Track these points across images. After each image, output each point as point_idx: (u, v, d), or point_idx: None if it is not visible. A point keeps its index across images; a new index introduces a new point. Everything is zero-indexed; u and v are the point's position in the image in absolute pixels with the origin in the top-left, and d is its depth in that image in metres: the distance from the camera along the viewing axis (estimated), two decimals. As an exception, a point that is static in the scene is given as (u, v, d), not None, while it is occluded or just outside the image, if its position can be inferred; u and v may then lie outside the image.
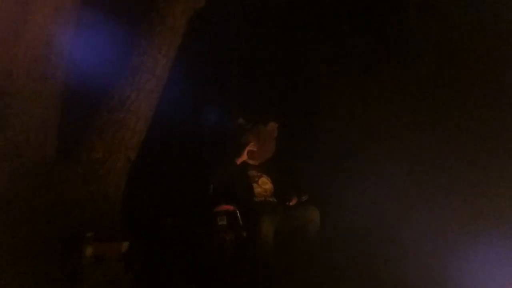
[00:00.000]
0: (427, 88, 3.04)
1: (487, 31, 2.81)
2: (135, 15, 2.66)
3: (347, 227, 2.71)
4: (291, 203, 2.66)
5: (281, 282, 2.24)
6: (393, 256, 2.33)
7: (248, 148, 2.80)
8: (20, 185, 2.14)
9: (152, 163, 3.07)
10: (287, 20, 3.73)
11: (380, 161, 3.01)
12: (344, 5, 3.55)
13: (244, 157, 2.78)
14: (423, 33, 3.15)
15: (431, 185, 2.74)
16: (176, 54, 2.67)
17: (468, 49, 2.90)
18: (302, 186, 2.81)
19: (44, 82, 2.29)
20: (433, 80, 3.05)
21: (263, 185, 2.72)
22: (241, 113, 3.06)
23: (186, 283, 2.27)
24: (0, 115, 2.16)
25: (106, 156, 2.39)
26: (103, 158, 2.39)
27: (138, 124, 2.51)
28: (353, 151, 3.20)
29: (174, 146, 3.37)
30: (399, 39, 3.25)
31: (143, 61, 2.51)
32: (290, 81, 3.69)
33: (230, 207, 2.49)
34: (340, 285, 2.20)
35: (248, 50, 3.76)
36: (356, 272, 2.25)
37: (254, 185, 2.68)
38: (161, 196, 3.03)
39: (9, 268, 1.87)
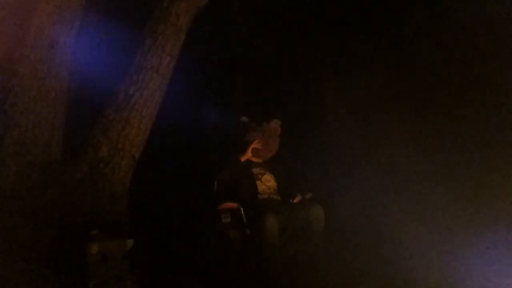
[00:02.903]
0: (430, 88, 3.03)
1: (491, 32, 2.79)
2: (139, 14, 2.67)
3: (352, 225, 2.71)
4: (295, 201, 2.66)
5: (285, 279, 2.24)
6: (397, 255, 2.33)
7: (252, 146, 2.80)
8: (26, 183, 2.17)
9: (157, 161, 3.09)
10: (291, 19, 3.72)
11: (384, 160, 3.00)
12: (347, 5, 3.53)
13: (249, 154, 2.79)
14: (426, 34, 3.13)
15: (434, 184, 2.73)
16: (180, 52, 2.68)
17: (472, 50, 2.87)
18: (306, 184, 2.81)
19: (50, 81, 2.31)
20: (436, 80, 3.03)
21: (267, 182, 2.72)
22: (245, 111, 3.06)
23: (190, 280, 2.28)
24: (7, 114, 2.19)
25: (111, 154, 2.41)
26: (109, 156, 2.40)
27: (142, 122, 2.52)
28: (357, 149, 3.19)
29: (178, 144, 3.38)
30: (403, 39, 3.23)
31: (147, 60, 2.52)
32: (294, 80, 3.69)
33: (234, 205, 2.50)
34: (344, 283, 2.20)
35: (252, 50, 3.76)
36: (359, 270, 2.26)
37: (258, 182, 2.68)
38: (166, 194, 3.04)
39: (14, 266, 1.89)
